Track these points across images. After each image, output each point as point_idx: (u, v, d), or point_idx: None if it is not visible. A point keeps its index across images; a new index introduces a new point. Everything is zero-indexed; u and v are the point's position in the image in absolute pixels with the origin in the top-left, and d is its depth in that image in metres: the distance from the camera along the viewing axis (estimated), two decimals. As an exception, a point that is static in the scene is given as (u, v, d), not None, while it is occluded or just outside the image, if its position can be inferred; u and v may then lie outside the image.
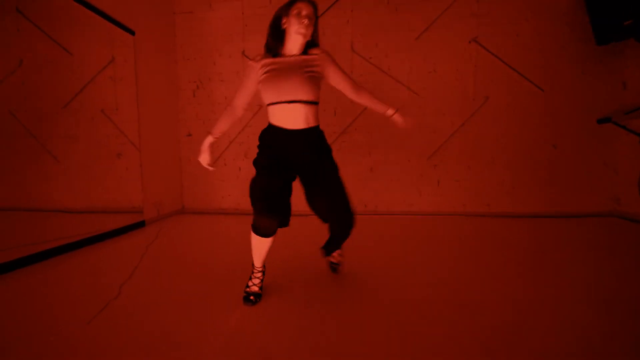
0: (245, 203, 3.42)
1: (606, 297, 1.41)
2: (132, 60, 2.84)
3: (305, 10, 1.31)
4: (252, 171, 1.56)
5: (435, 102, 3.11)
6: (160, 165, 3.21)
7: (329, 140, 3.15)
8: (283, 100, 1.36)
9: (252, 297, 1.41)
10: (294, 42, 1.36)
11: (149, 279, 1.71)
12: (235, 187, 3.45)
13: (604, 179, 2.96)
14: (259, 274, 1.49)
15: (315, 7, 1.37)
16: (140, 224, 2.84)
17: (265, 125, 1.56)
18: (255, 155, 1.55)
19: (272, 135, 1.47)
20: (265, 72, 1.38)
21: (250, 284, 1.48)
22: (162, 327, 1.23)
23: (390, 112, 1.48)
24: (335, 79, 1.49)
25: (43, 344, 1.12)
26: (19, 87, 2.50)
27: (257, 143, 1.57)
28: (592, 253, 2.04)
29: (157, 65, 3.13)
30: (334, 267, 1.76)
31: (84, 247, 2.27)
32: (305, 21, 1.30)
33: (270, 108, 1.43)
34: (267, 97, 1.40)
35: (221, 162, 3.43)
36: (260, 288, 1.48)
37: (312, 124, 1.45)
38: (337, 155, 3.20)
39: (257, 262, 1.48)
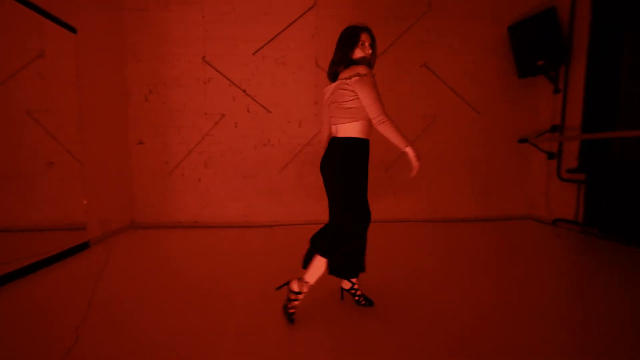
0: (206, 215, 3.25)
1: (520, 277, 1.73)
2: (66, 55, 2.43)
3: (367, 40, 1.48)
4: (214, 182, 1.50)
5: (392, 118, 3.34)
6: (106, 175, 2.81)
7: (294, 151, 3.20)
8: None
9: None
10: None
11: (108, 314, 1.50)
12: (194, 199, 3.21)
13: (523, 188, 3.53)
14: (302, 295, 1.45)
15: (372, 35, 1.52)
16: (84, 245, 2.47)
17: (224, 136, 1.51)
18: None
19: (364, 148, 1.56)
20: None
21: (293, 304, 1.43)
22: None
23: (407, 149, 1.39)
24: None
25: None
26: None
27: (221, 154, 1.56)
28: (513, 247, 2.46)
29: (101, 65, 2.72)
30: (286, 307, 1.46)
31: (20, 278, 1.88)
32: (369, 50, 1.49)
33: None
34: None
35: (178, 173, 3.17)
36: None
37: (339, 134, 1.48)
38: (301, 167, 3.28)
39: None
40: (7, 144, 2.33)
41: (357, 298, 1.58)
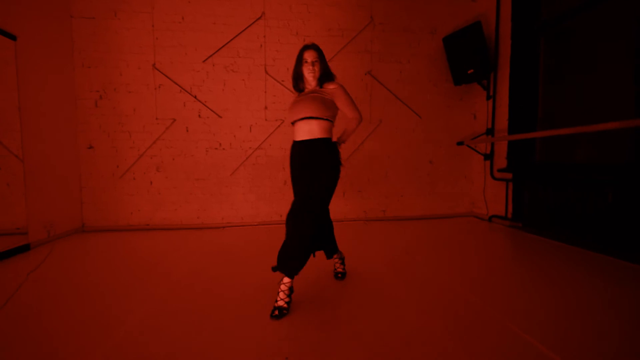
0: (158, 218, 3.29)
1: (466, 265, 1.89)
2: (11, 60, 2.47)
3: (310, 57, 1.72)
4: (165, 185, 1.57)
5: (340, 123, 3.51)
6: (53, 179, 2.83)
7: (245, 155, 3.29)
8: (295, 118, 1.72)
9: (276, 312, 1.46)
10: (309, 82, 1.78)
11: (29, 309, 1.55)
12: (146, 201, 3.25)
13: (465, 187, 3.75)
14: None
15: (317, 51, 1.74)
16: (24, 248, 2.47)
17: (176, 140, 1.60)
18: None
19: (292, 149, 1.82)
20: (292, 100, 1.84)
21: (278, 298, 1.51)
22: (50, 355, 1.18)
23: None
24: (341, 108, 1.79)
25: None
26: None
27: (173, 158, 1.75)
28: (458, 242, 2.63)
29: (47, 71, 2.77)
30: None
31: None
32: (310, 67, 1.72)
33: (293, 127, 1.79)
34: (289, 117, 1.78)
35: (129, 176, 3.20)
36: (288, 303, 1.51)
37: (316, 135, 1.70)
38: (252, 170, 3.37)
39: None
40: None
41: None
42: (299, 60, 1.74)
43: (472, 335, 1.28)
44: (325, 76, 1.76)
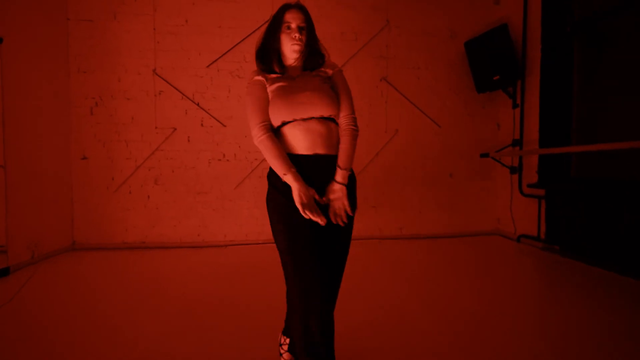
0: (155, 235, 3.02)
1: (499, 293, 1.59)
2: None
3: (295, 21, 1.05)
4: (164, 199, 1.31)
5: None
6: (40, 192, 2.58)
7: (251, 166, 3.05)
8: (308, 115, 1.03)
9: None
10: (288, 59, 1.09)
11: (12, 341, 1.28)
12: (142, 217, 2.98)
13: (489, 203, 3.45)
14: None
15: (305, 14, 1.09)
16: (3, 272, 2.20)
17: (176, 150, 1.33)
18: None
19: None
20: (273, 87, 1.06)
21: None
22: None
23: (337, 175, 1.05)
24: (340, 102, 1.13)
25: None
26: None
27: (172, 170, 1.31)
28: (483, 266, 2.32)
29: (37, 75, 2.55)
30: None
31: None
32: (297, 35, 1.05)
33: (282, 130, 1.06)
34: (277, 116, 1.04)
35: (125, 190, 2.96)
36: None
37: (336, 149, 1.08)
38: (257, 182, 3.12)
39: None
40: None
41: None
42: (276, 25, 1.07)
43: None
44: (315, 53, 1.11)
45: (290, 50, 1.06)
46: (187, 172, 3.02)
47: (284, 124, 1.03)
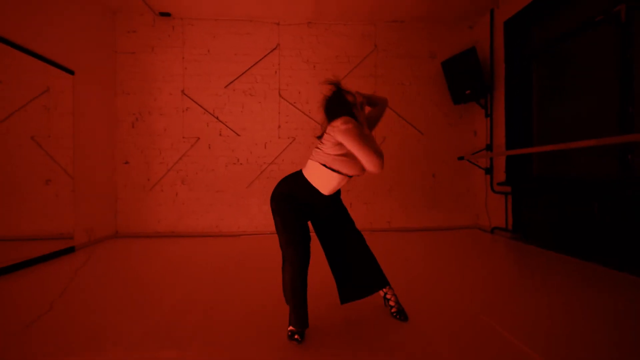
0: (182, 226, 3.64)
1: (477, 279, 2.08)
2: (69, 91, 2.98)
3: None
4: (189, 197, 1.86)
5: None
6: (94, 191, 3.26)
7: (260, 169, 3.63)
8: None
9: (297, 337, 1.38)
10: None
11: (79, 297, 1.88)
12: (171, 211, 3.63)
13: (468, 200, 3.91)
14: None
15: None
16: (70, 250, 2.86)
17: (199, 156, 1.88)
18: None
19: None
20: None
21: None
22: (96, 330, 1.49)
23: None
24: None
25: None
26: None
27: (196, 172, 1.82)
28: (463, 254, 2.81)
29: (96, 99, 3.27)
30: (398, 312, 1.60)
31: (10, 273, 2.28)
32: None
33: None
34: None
35: (158, 189, 3.61)
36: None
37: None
38: (266, 183, 3.69)
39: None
40: (12, 163, 2.81)
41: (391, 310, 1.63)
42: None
43: (467, 340, 1.38)
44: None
45: None
46: (207, 174, 3.64)
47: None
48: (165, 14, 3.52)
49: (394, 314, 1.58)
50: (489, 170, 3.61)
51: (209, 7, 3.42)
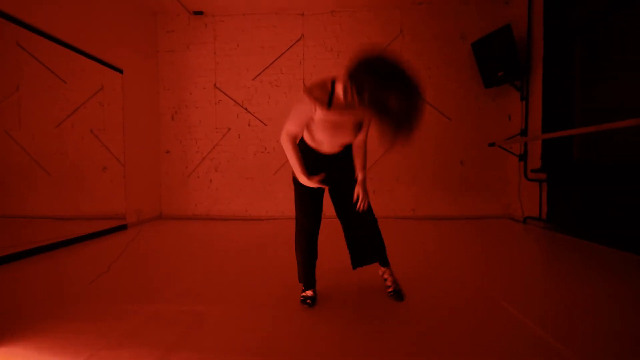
0: (215, 210, 3.97)
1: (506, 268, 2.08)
2: (119, 88, 3.38)
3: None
4: (222, 183, 2.06)
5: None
6: (142, 177, 3.69)
7: (286, 157, 3.78)
8: None
9: (308, 301, 1.55)
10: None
11: (130, 263, 2.21)
12: (206, 196, 3.97)
13: (499, 189, 3.73)
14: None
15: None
16: (123, 227, 3.30)
17: (230, 145, 2.06)
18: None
19: None
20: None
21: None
22: (144, 288, 1.77)
23: (359, 176, 1.55)
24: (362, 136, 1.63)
25: (60, 298, 1.63)
26: (15, 109, 2.94)
27: (227, 160, 1.97)
28: (490, 244, 2.74)
29: (141, 95, 3.67)
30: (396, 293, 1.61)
31: (75, 244, 2.73)
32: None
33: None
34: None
35: (195, 176, 3.95)
36: (314, 292, 1.60)
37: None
38: (291, 170, 3.82)
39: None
40: (76, 153, 3.28)
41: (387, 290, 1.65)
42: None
43: (479, 322, 1.35)
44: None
45: None
46: (238, 162, 3.91)
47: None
48: (198, 13, 3.78)
49: (390, 293, 1.59)
50: (522, 157, 3.40)
51: (238, 2, 3.61)
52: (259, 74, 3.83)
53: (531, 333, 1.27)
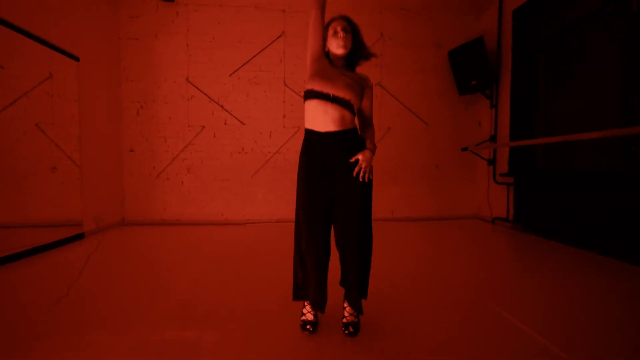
0: (188, 214, 3.68)
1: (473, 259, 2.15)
2: (71, 76, 2.95)
3: (339, 25, 1.36)
4: (195, 185, 1.89)
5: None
6: (101, 178, 3.28)
7: (265, 158, 3.64)
8: (336, 94, 1.30)
9: (308, 326, 1.37)
10: (336, 61, 1.39)
11: (94, 281, 1.93)
12: (177, 199, 3.66)
13: (470, 191, 3.97)
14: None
15: (349, 21, 1.40)
16: (80, 236, 2.90)
17: (205, 145, 1.89)
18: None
19: (310, 143, 1.36)
20: (322, 61, 1.37)
21: (305, 311, 1.42)
22: (117, 312, 1.54)
23: (366, 152, 1.37)
24: (366, 108, 1.45)
25: (12, 331, 1.35)
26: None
27: (201, 161, 1.76)
28: (464, 243, 2.88)
29: (99, 85, 3.25)
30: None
31: (22, 259, 2.32)
32: (341, 34, 1.34)
33: (306, 104, 1.38)
34: (325, 88, 1.31)
35: (164, 177, 3.63)
36: (315, 316, 1.42)
37: (349, 126, 1.36)
38: (271, 172, 3.72)
39: None
40: (17, 150, 2.81)
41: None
42: (326, 32, 1.39)
43: (469, 322, 1.48)
44: (358, 54, 1.43)
45: (337, 51, 1.36)
46: (213, 163, 3.66)
47: (312, 96, 1.32)
48: (169, 0, 3.47)
49: (344, 326, 1.37)
50: (491, 162, 3.65)
51: (213, -7, 3.37)
52: (236, 70, 3.62)
53: (503, 319, 1.35)
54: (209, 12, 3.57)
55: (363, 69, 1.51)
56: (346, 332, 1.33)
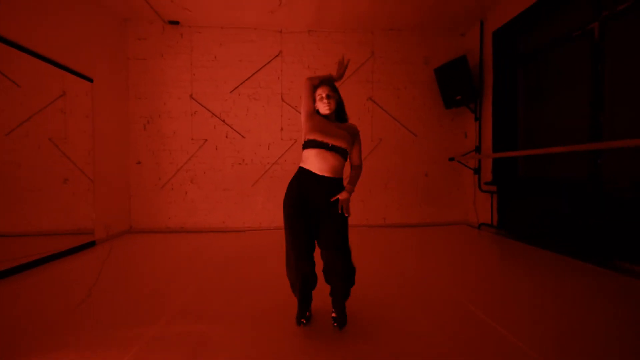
0: (191, 222, 3.89)
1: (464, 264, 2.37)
2: (83, 94, 3.19)
3: (324, 92, 1.63)
4: (198, 195, 2.10)
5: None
6: (110, 189, 3.51)
7: (264, 169, 3.87)
8: (334, 143, 1.57)
9: (303, 320, 1.62)
10: (330, 116, 1.67)
11: (111, 283, 2.15)
12: (181, 208, 3.88)
13: (457, 198, 4.19)
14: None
15: (332, 86, 1.65)
16: (91, 244, 3.11)
17: (207, 157, 2.11)
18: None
19: (304, 180, 1.61)
20: (316, 118, 1.64)
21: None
22: (136, 310, 1.75)
23: (344, 193, 1.59)
24: (355, 153, 1.71)
25: (43, 327, 1.56)
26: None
27: (204, 172, 1.96)
28: (452, 248, 3.09)
29: (110, 103, 3.49)
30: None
31: (40, 265, 2.54)
32: (325, 100, 1.62)
33: (305, 152, 1.63)
34: (323, 137, 1.57)
35: (168, 187, 3.85)
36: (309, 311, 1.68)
37: (339, 175, 1.63)
38: (270, 182, 3.93)
39: None
40: (32, 163, 3.03)
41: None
42: (312, 98, 1.66)
43: (452, 325, 1.73)
44: (342, 111, 1.70)
45: (324, 112, 1.64)
46: (215, 174, 3.89)
47: (313, 145, 1.57)
48: (174, 22, 3.73)
49: (332, 319, 1.66)
50: (477, 171, 3.89)
51: (215, 16, 3.63)
52: (237, 87, 3.87)
53: (482, 322, 1.56)
54: (211, 33, 3.83)
55: (358, 84, 1.76)
56: (335, 324, 1.63)
